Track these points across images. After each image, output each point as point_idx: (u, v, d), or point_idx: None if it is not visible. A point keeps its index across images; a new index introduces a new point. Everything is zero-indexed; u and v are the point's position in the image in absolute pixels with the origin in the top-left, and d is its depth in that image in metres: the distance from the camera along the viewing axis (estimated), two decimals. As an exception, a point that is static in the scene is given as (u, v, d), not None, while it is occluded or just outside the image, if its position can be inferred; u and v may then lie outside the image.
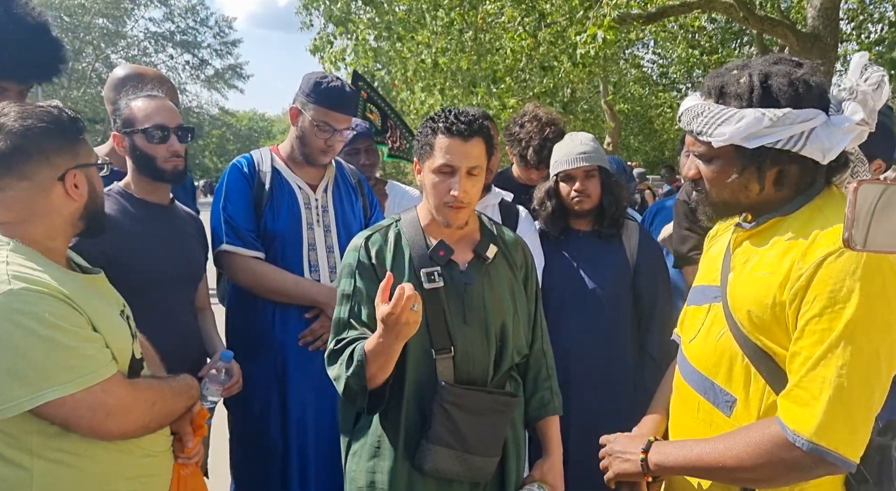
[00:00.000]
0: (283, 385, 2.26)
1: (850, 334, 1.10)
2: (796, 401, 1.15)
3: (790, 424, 1.14)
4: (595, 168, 2.41)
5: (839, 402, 1.10)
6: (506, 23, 8.96)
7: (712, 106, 1.26)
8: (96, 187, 1.47)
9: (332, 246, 2.34)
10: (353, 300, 1.66)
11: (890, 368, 1.14)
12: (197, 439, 1.56)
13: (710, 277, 1.41)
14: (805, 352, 1.15)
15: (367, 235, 1.72)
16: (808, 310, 1.14)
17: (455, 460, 1.58)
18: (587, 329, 2.34)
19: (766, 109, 1.19)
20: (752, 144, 1.21)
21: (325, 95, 2.27)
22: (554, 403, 1.79)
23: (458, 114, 1.64)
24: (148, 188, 2.04)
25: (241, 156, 2.40)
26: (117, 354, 1.36)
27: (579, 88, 14.80)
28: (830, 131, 1.19)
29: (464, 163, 1.61)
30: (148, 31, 36.58)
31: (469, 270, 1.69)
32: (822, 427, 1.11)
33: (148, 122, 1.97)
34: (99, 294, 1.44)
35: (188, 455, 1.55)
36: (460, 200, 1.61)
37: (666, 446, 1.37)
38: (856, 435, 1.12)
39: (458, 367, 1.63)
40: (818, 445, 1.11)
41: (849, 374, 1.10)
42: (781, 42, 8.25)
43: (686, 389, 1.40)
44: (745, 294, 1.25)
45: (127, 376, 1.39)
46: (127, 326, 1.46)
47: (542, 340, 1.83)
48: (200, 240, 2.22)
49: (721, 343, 1.30)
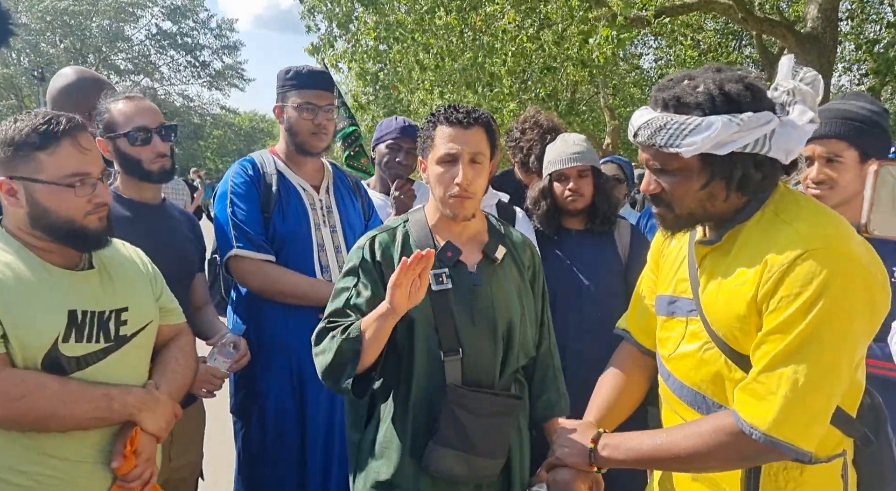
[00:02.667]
0: (299, 391, 2.24)
1: (812, 333, 1.13)
2: (753, 394, 1.18)
3: (746, 416, 1.17)
4: (588, 168, 2.46)
5: (795, 397, 1.13)
6: (506, 24, 8.97)
7: (674, 117, 1.22)
8: (41, 203, 1.44)
9: (339, 246, 2.34)
10: (351, 292, 1.64)
11: (850, 363, 1.17)
12: (126, 462, 1.47)
13: (677, 288, 1.41)
14: (765, 347, 1.17)
15: (374, 235, 1.71)
16: (774, 309, 1.16)
17: (461, 462, 1.57)
18: (582, 326, 2.37)
19: (730, 115, 1.18)
20: (723, 151, 1.19)
21: (297, 78, 2.31)
22: (561, 405, 1.78)
23: (457, 107, 1.65)
24: (137, 189, 2.05)
25: (243, 159, 2.38)
26: (22, 342, 1.37)
27: (579, 89, 14.80)
28: (787, 132, 1.21)
29: (465, 149, 1.60)
30: (150, 34, 36.63)
31: (478, 271, 1.68)
32: (778, 421, 1.14)
33: (129, 126, 1.96)
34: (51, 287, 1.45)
35: (124, 477, 1.48)
36: (464, 188, 1.60)
37: (616, 438, 1.39)
38: (811, 427, 1.15)
39: (466, 368, 1.62)
40: (773, 437, 1.14)
41: (808, 370, 1.13)
42: (780, 43, 8.27)
43: (677, 403, 1.40)
44: (721, 310, 1.26)
45: (40, 370, 1.39)
46: (66, 322, 1.44)
47: (549, 341, 1.83)
48: (194, 239, 2.22)
49: (707, 357, 1.31)
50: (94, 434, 1.47)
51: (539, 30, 8.67)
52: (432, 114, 1.69)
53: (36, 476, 1.40)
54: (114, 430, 1.50)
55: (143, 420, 1.51)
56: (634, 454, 1.33)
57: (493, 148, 1.68)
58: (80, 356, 1.46)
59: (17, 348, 1.38)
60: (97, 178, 1.49)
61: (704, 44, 13.18)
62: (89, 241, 1.51)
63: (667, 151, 1.24)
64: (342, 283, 1.68)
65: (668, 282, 1.45)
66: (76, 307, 1.47)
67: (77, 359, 1.46)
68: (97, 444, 1.48)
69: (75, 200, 1.45)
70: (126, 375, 1.55)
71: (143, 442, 1.51)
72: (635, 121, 1.30)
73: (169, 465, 1.99)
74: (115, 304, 1.55)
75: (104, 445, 1.49)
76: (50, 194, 1.44)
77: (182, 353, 1.73)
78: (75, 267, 1.52)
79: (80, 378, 1.45)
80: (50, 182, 1.43)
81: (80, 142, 1.46)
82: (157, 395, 1.56)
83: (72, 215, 1.46)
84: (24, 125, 1.43)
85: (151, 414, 1.52)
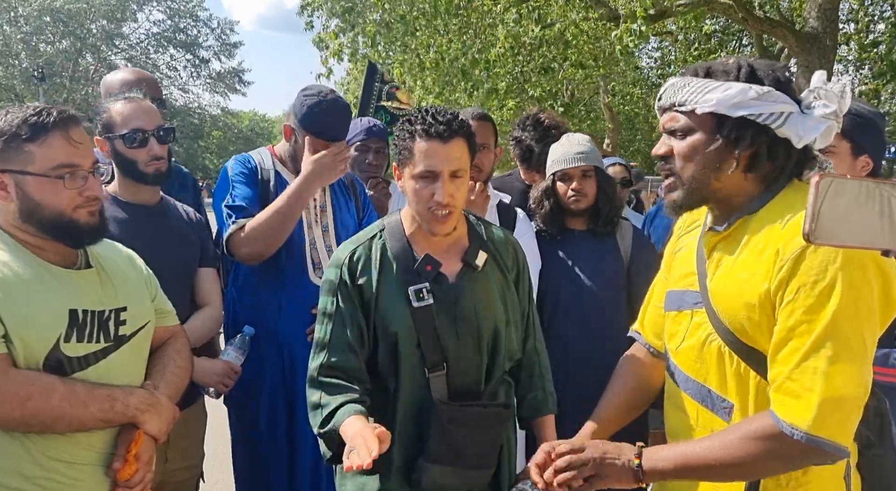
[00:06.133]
0: (289, 386, 2.24)
1: (837, 323, 1.12)
2: (789, 393, 1.15)
3: (785, 417, 1.15)
4: (591, 168, 2.46)
5: (831, 392, 1.11)
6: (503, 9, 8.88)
7: (699, 79, 1.28)
8: (31, 195, 1.43)
9: (330, 246, 2.33)
10: (334, 320, 1.61)
11: (873, 348, 1.16)
12: (128, 466, 1.46)
13: (686, 282, 1.40)
14: (793, 343, 1.15)
15: (352, 249, 1.65)
16: (791, 300, 1.15)
17: (453, 476, 1.55)
18: (584, 327, 2.36)
19: (752, 84, 1.23)
20: (736, 113, 1.22)
21: (317, 126, 2.19)
22: (548, 404, 1.77)
23: (435, 114, 1.55)
24: (133, 190, 2.04)
25: (241, 155, 2.37)
26: (25, 342, 1.36)
27: (578, 89, 14.83)
28: (805, 120, 1.23)
29: (446, 166, 1.53)
30: (149, 33, 36.65)
31: (458, 282, 1.63)
32: (819, 418, 1.12)
33: (126, 127, 1.95)
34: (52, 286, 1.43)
35: (126, 483, 1.46)
36: (445, 205, 1.54)
37: (658, 451, 1.34)
38: (848, 422, 1.14)
39: (451, 381, 1.60)
40: (815, 436, 1.12)
41: (839, 363, 1.11)
42: (781, 43, 8.27)
43: (682, 397, 1.39)
44: (730, 299, 1.25)
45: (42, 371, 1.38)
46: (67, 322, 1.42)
47: (534, 338, 1.79)
48: (197, 235, 2.20)
49: (711, 349, 1.30)
50: (94, 436, 1.46)
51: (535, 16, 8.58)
52: (409, 121, 1.59)
53: (36, 479, 1.39)
54: (113, 432, 1.49)
55: (146, 422, 1.49)
56: (676, 465, 1.28)
57: (473, 152, 1.62)
58: (81, 356, 1.45)
59: (19, 349, 1.36)
60: (88, 172, 1.47)
61: (705, 45, 13.18)
62: (81, 235, 1.49)
63: (684, 110, 1.28)
64: (324, 304, 1.64)
65: (677, 277, 1.45)
66: (77, 307, 1.46)
67: (78, 359, 1.44)
68: (97, 446, 1.47)
69: (65, 193, 1.43)
70: (125, 375, 1.54)
71: (143, 445, 1.50)
72: (666, 85, 1.35)
73: (164, 466, 1.98)
74: (114, 303, 1.54)
75: (104, 447, 1.48)
76: (39, 186, 1.42)
77: (179, 355, 1.72)
78: (73, 266, 1.51)
79: (81, 379, 1.44)
80: (39, 174, 1.41)
81: (71, 134, 1.44)
82: (159, 396, 1.55)
83: (61, 208, 1.44)
84: (15, 117, 1.41)
85: (153, 416, 1.51)
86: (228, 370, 2.07)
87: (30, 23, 30.34)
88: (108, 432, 1.48)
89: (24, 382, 1.35)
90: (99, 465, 1.47)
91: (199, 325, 2.11)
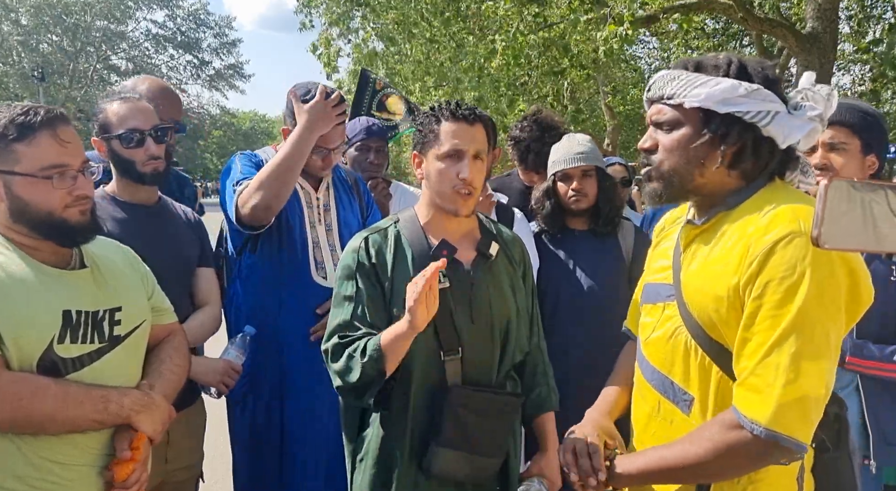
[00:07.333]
0: (288, 386, 2.24)
1: (802, 320, 1.12)
2: (751, 388, 1.15)
3: (745, 411, 1.15)
4: (592, 168, 2.46)
5: (793, 388, 1.11)
6: (503, 15, 8.87)
7: (689, 73, 1.28)
8: (20, 196, 1.42)
9: (334, 245, 2.33)
10: (355, 301, 1.63)
11: (838, 347, 1.16)
12: (125, 466, 1.45)
13: (662, 276, 1.41)
14: (757, 338, 1.15)
15: (366, 236, 1.69)
16: (759, 295, 1.15)
17: (463, 462, 1.57)
18: (584, 326, 2.37)
19: (741, 81, 1.23)
20: (724, 109, 1.23)
21: (305, 96, 2.20)
22: (551, 400, 1.79)
23: (459, 103, 1.65)
24: (132, 190, 2.03)
25: (246, 151, 2.38)
26: (18, 344, 1.35)
27: (578, 89, 14.83)
28: (791, 121, 1.24)
29: (471, 146, 1.61)
30: (149, 33, 36.65)
31: (473, 269, 1.68)
32: (778, 413, 1.11)
33: (122, 127, 1.95)
34: (45, 287, 1.42)
35: (122, 482, 1.45)
36: (469, 183, 1.60)
37: (629, 457, 1.37)
38: (808, 418, 1.14)
39: (466, 368, 1.62)
40: (774, 431, 1.12)
41: (802, 359, 1.11)
42: (780, 43, 8.27)
43: (647, 388, 1.40)
44: (701, 291, 1.26)
45: (36, 372, 1.37)
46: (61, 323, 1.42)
47: (538, 337, 1.83)
48: (195, 234, 2.20)
49: (677, 342, 1.30)
50: (89, 437, 1.45)
51: (534, 22, 8.56)
52: (433, 108, 1.67)
53: (30, 480, 1.38)
54: (108, 433, 1.48)
55: (140, 423, 1.49)
56: (644, 467, 1.30)
57: (492, 145, 1.70)
58: (75, 357, 1.44)
59: (12, 350, 1.36)
60: (77, 171, 1.47)
61: (704, 46, 13.18)
62: (72, 235, 1.48)
63: (672, 103, 1.29)
64: (343, 289, 1.66)
65: (654, 271, 1.46)
66: (70, 307, 1.45)
67: (72, 360, 1.44)
68: (91, 447, 1.46)
69: (54, 193, 1.42)
70: (120, 375, 1.53)
71: (133, 446, 1.49)
72: (655, 77, 1.35)
73: (165, 466, 1.98)
74: (109, 303, 1.53)
75: (99, 448, 1.47)
76: (28, 187, 1.41)
77: (176, 353, 1.72)
78: (67, 266, 1.50)
79: (75, 379, 1.43)
80: (27, 174, 1.41)
81: (59, 133, 1.43)
82: (154, 396, 1.54)
83: (51, 208, 1.43)
84: (2, 117, 1.41)
85: (148, 416, 1.50)
86: (229, 369, 2.07)
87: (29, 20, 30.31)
88: (102, 433, 1.47)
89: (17, 383, 1.34)
90: (93, 466, 1.46)
91: (198, 324, 2.10)
